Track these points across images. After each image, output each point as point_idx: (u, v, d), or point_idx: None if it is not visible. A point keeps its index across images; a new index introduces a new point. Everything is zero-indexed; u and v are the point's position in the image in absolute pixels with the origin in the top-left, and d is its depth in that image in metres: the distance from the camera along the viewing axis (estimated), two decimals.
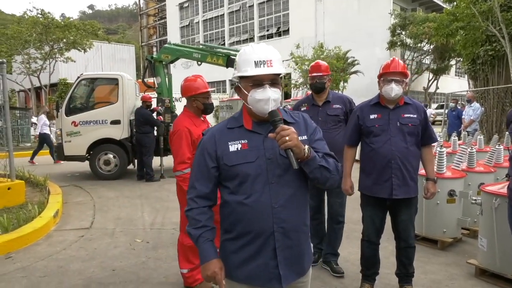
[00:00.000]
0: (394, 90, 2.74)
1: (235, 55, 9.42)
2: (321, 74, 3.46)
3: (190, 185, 1.64)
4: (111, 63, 37.12)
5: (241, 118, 1.61)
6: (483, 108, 11.41)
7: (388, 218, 3.03)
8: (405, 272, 3.02)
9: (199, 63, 9.49)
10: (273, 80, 1.52)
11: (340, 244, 3.61)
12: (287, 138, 1.40)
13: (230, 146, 1.56)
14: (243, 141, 1.56)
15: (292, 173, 1.54)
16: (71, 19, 22.89)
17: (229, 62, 9.28)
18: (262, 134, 1.56)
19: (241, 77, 1.55)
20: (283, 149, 1.43)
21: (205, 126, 3.14)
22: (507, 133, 7.09)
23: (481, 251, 3.42)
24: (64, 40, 20.10)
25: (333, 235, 3.59)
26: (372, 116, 2.88)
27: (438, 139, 5.96)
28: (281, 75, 1.57)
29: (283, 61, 1.64)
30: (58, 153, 8.11)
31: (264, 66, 1.49)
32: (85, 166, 8.59)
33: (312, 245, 3.49)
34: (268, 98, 1.49)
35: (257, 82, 1.50)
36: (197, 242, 1.57)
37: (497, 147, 5.12)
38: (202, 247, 1.56)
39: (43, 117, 11.15)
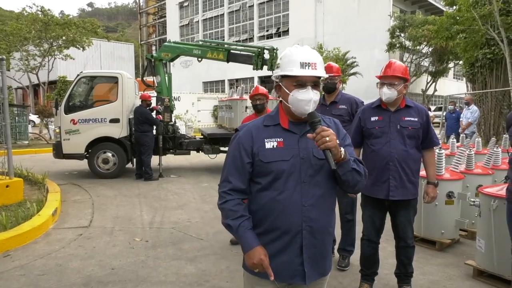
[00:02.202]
0: (385, 94, 2.78)
1: (235, 50, 9.47)
2: (332, 75, 3.52)
3: (223, 179, 1.66)
4: (110, 61, 37.06)
5: (278, 117, 1.65)
6: (480, 111, 11.47)
7: (388, 218, 3.04)
8: (404, 271, 3.04)
9: (200, 59, 9.48)
10: (315, 82, 1.57)
11: (353, 242, 3.68)
12: (327, 138, 1.44)
13: (266, 143, 1.60)
14: (279, 139, 1.60)
15: (323, 175, 1.59)
16: (71, 17, 22.83)
17: (230, 56, 9.27)
18: (297, 134, 1.60)
19: (283, 76, 1.59)
20: (323, 149, 1.46)
21: None
22: (505, 135, 7.13)
23: (479, 252, 3.44)
24: (64, 37, 20.04)
25: (343, 233, 3.71)
26: (373, 118, 2.90)
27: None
28: (322, 78, 1.61)
29: None
30: (57, 151, 8.08)
31: (309, 68, 1.54)
32: (83, 164, 8.57)
33: None
34: (310, 99, 1.54)
35: (301, 82, 1.55)
36: (237, 232, 1.58)
37: (495, 149, 5.14)
38: (244, 236, 1.57)
39: None
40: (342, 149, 1.51)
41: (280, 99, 1.65)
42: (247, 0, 36.15)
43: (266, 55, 9.16)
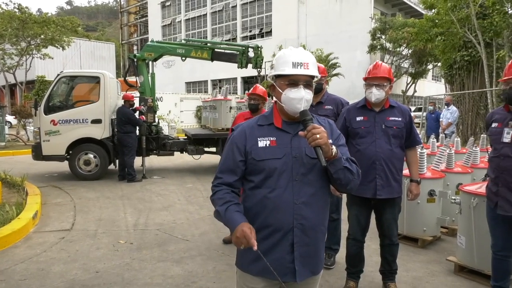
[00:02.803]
0: (375, 95, 2.83)
1: (219, 49, 9.44)
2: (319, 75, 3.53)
3: (215, 176, 1.70)
4: (91, 60, 36.36)
5: (272, 117, 1.69)
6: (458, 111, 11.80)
7: (372, 217, 3.10)
8: (388, 268, 3.10)
9: (184, 58, 9.41)
10: (308, 81, 1.61)
11: (338, 241, 3.73)
12: (317, 136, 1.47)
13: (259, 142, 1.64)
14: (272, 138, 1.64)
15: (315, 173, 1.61)
16: (49, 15, 22.26)
17: (214, 55, 9.23)
18: (291, 133, 1.64)
19: (277, 76, 1.64)
20: (313, 146, 1.49)
21: None
22: (482, 135, 7.36)
23: (460, 249, 3.54)
24: (42, 36, 19.51)
25: (329, 232, 3.70)
26: (358, 118, 2.95)
27: None
28: (315, 79, 1.65)
29: (265, 62, 1.71)
30: (36, 153, 7.86)
31: (301, 68, 1.59)
32: (63, 166, 8.37)
33: None
34: (301, 98, 1.57)
35: (293, 81, 1.59)
36: (225, 216, 1.58)
37: (473, 149, 5.30)
38: (230, 218, 1.56)
39: None
40: (333, 147, 1.54)
41: (275, 99, 1.69)
42: (230, 1, 36.08)
43: (251, 53, 9.17)
